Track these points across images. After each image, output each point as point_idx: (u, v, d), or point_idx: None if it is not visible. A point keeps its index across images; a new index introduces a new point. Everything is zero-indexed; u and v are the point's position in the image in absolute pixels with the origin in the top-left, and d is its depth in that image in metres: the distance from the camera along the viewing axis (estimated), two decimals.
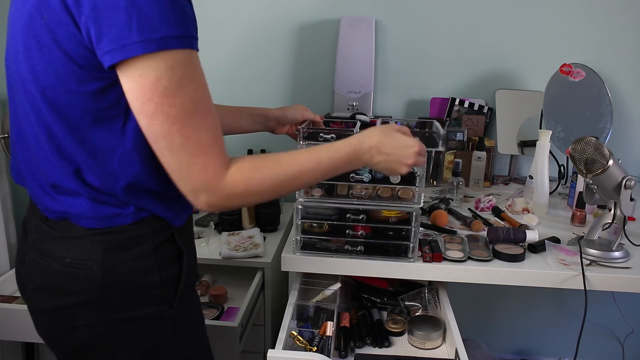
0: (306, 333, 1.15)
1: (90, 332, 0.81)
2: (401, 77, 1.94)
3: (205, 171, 0.75)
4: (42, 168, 0.80)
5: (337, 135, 1.17)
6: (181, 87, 0.70)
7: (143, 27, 0.66)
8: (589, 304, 1.14)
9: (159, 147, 0.73)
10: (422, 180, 1.16)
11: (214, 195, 0.77)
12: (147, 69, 0.68)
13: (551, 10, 1.85)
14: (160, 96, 0.69)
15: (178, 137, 0.72)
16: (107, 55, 0.68)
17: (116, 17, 0.66)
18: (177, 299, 0.85)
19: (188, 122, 0.72)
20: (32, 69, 0.74)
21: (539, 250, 1.27)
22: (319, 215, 1.21)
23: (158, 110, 0.70)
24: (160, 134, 0.71)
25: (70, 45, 0.70)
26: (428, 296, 1.33)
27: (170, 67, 0.69)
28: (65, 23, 0.69)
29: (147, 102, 0.70)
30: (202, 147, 0.74)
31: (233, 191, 0.78)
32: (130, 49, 0.67)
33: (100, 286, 0.79)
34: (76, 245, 0.79)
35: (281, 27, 1.92)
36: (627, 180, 1.18)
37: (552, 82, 1.78)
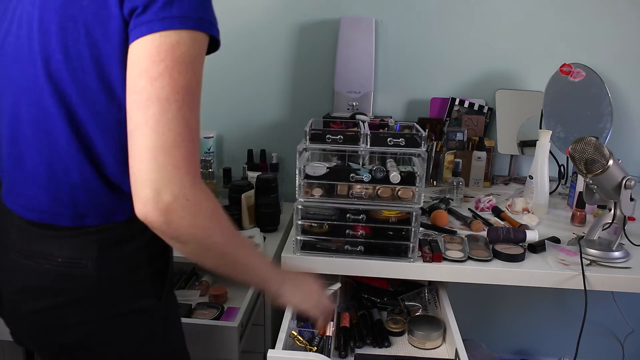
0: (306, 333, 1.15)
1: (82, 330, 0.80)
2: (401, 77, 1.94)
3: (187, 161, 0.68)
4: (49, 164, 0.76)
5: (342, 136, 1.16)
6: (194, 62, 0.69)
7: (183, 6, 0.68)
8: (589, 304, 1.14)
9: (147, 113, 0.66)
10: (422, 180, 1.16)
11: (183, 194, 0.68)
12: (173, 35, 0.67)
13: (551, 10, 1.85)
14: (174, 60, 0.67)
15: (174, 108, 0.66)
16: (144, 26, 0.67)
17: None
18: (164, 291, 0.86)
19: (188, 98, 0.68)
20: (64, 50, 0.71)
21: (539, 250, 1.27)
22: (319, 215, 1.21)
23: (166, 72, 0.66)
24: (157, 98, 0.66)
25: (109, 25, 0.70)
26: (428, 296, 1.33)
27: (193, 40, 0.69)
28: (109, 5, 0.69)
29: (157, 62, 0.66)
30: (192, 132, 0.69)
31: (202, 202, 0.70)
32: (168, 22, 0.67)
33: (94, 284, 0.78)
34: (68, 244, 0.78)
35: (281, 27, 1.92)
36: (627, 180, 1.18)
37: (552, 82, 1.78)
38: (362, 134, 1.16)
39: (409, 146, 1.17)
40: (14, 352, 1.66)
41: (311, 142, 1.18)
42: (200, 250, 0.75)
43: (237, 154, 2.03)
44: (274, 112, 2.01)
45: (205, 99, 2.22)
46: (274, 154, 1.96)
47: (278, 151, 1.98)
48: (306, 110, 1.98)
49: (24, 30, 0.75)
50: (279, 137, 2.02)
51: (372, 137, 1.16)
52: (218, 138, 2.00)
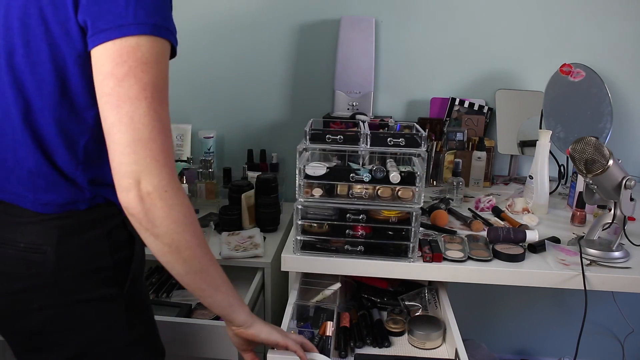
0: (306, 333, 1.14)
1: (44, 315, 0.82)
2: (401, 77, 1.94)
3: (164, 154, 0.72)
4: (6, 147, 0.81)
5: (342, 136, 1.17)
6: (157, 62, 0.72)
7: (139, 11, 0.70)
8: (589, 304, 1.14)
9: (119, 112, 0.70)
10: (422, 180, 1.16)
11: (161, 185, 0.71)
12: (131, 40, 0.70)
13: (551, 10, 1.85)
14: (136, 60, 0.70)
15: (145, 104, 0.70)
16: (102, 33, 0.70)
17: (116, 2, 0.70)
18: (128, 281, 0.87)
19: (157, 94, 0.72)
20: (25, 44, 0.75)
21: (539, 250, 1.27)
22: (319, 215, 1.21)
23: (131, 72, 0.70)
24: (127, 97, 0.70)
25: (68, 24, 0.73)
26: (428, 296, 1.33)
27: (152, 44, 0.72)
28: (66, 4, 0.72)
29: (121, 64, 0.70)
30: (164, 126, 0.72)
31: (178, 194, 0.74)
32: (125, 29, 0.70)
33: (54, 270, 0.80)
34: (31, 230, 0.80)
35: (281, 27, 1.92)
36: (627, 180, 1.18)
37: (552, 82, 1.78)
38: (362, 134, 1.16)
39: (409, 146, 1.17)
40: None
41: (311, 142, 1.18)
42: (171, 248, 0.76)
43: (237, 154, 2.03)
44: (274, 112, 2.01)
45: (205, 99, 2.23)
46: (274, 154, 1.96)
47: (278, 151, 1.98)
48: (306, 110, 1.98)
49: None
50: (279, 137, 2.02)
51: (372, 137, 1.16)
52: (218, 138, 2.00)
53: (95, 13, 0.71)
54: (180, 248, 0.76)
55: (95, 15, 0.71)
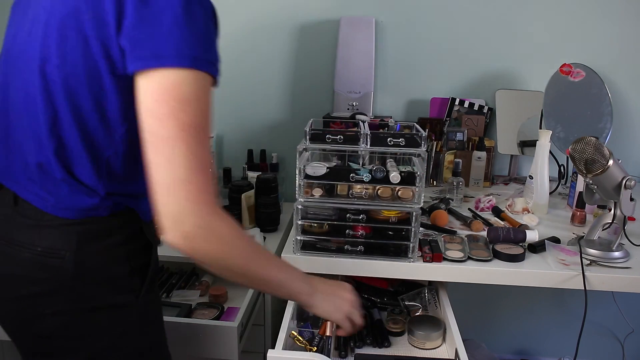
0: (306, 333, 1.14)
1: (57, 321, 0.82)
2: (401, 77, 1.94)
3: (200, 193, 0.73)
4: (31, 149, 0.80)
5: (342, 136, 1.16)
6: (197, 99, 0.72)
7: (180, 42, 0.70)
8: (589, 304, 1.14)
9: (158, 152, 0.71)
10: (422, 180, 1.16)
11: (197, 225, 0.73)
12: (171, 74, 0.70)
13: (551, 10, 1.85)
14: (177, 100, 0.70)
15: (183, 145, 0.71)
16: (140, 60, 0.70)
17: (159, 29, 0.70)
18: (144, 288, 0.87)
19: (196, 133, 0.72)
20: (61, 55, 0.74)
21: (539, 250, 1.27)
22: (319, 215, 1.21)
23: (171, 113, 0.70)
24: (167, 137, 0.70)
25: (109, 43, 0.72)
26: (428, 296, 1.33)
27: (193, 78, 0.71)
28: (109, 24, 0.71)
29: (162, 103, 0.70)
30: (203, 164, 0.73)
31: (217, 229, 0.76)
32: (164, 59, 0.70)
33: (71, 275, 0.79)
34: (49, 234, 0.79)
35: (281, 27, 1.92)
36: (627, 180, 1.18)
37: (552, 82, 1.78)
38: (362, 134, 1.16)
39: (409, 146, 1.17)
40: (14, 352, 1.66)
41: (311, 142, 1.18)
42: (223, 270, 0.81)
43: (237, 154, 2.03)
44: (274, 112, 2.01)
45: None
46: (274, 154, 1.96)
47: (278, 151, 1.98)
48: (306, 110, 1.98)
49: (32, 29, 0.79)
50: (279, 137, 2.02)
51: (372, 137, 1.16)
52: (218, 138, 2.00)
53: (136, 38, 0.70)
54: (232, 269, 0.82)
55: (137, 40, 0.70)
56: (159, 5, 0.70)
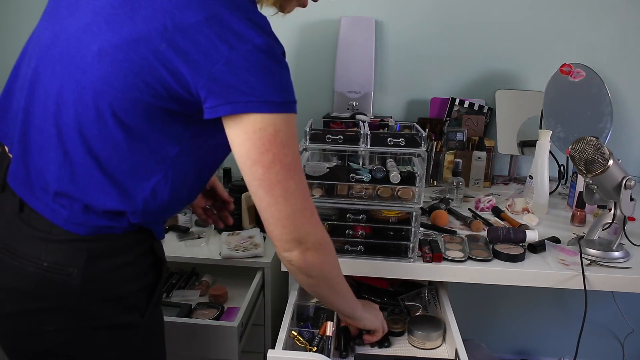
0: (306, 333, 1.14)
1: (58, 338, 0.79)
2: (401, 77, 1.94)
3: (314, 215, 0.84)
4: (50, 162, 0.77)
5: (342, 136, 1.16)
6: (291, 141, 0.78)
7: (269, 88, 0.73)
8: (589, 304, 1.14)
9: (273, 194, 0.78)
10: (422, 180, 1.16)
11: (318, 241, 0.85)
12: (267, 124, 0.74)
13: (551, 10, 1.85)
14: (278, 146, 0.76)
15: (293, 183, 0.78)
16: (228, 105, 0.72)
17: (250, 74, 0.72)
18: (150, 307, 0.85)
19: (297, 170, 0.80)
20: (114, 77, 0.72)
21: (539, 250, 1.27)
22: (319, 215, 1.20)
23: (276, 159, 0.76)
24: (277, 181, 0.77)
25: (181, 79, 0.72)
26: (428, 296, 1.33)
27: (285, 122, 0.76)
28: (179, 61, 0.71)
29: (265, 153, 0.75)
30: (306, 190, 0.83)
31: (328, 243, 0.89)
32: (254, 105, 0.73)
33: (77, 293, 0.77)
34: (57, 249, 0.76)
35: (281, 27, 1.92)
36: (627, 180, 1.18)
37: (552, 82, 1.78)
38: (362, 134, 1.16)
39: (409, 146, 1.17)
40: None
41: (311, 142, 1.18)
42: (320, 281, 0.92)
43: None
44: None
45: None
46: None
47: None
48: (306, 110, 1.98)
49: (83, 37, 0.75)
50: None
51: (372, 137, 1.16)
52: None
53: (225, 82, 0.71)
54: (328, 280, 0.94)
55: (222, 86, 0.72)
56: (243, 48, 0.71)
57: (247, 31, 0.72)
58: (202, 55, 0.70)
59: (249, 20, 0.73)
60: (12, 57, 0.87)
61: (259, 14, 0.78)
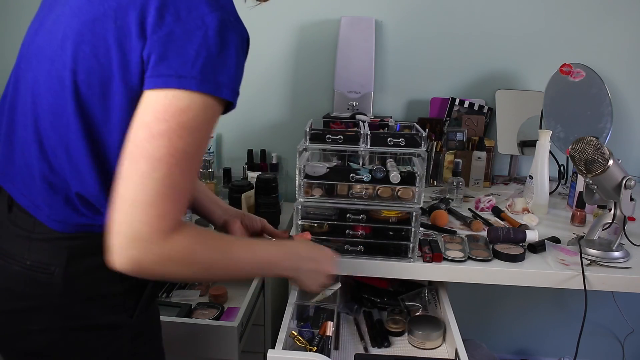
0: (306, 333, 1.14)
1: (44, 338, 0.78)
2: (401, 77, 1.94)
3: (160, 219, 0.67)
4: (33, 154, 0.77)
5: (342, 136, 1.16)
6: (199, 129, 0.69)
7: (207, 67, 0.67)
8: (589, 304, 1.14)
9: (133, 167, 0.66)
10: (422, 180, 1.16)
11: (150, 250, 0.68)
12: (182, 97, 0.67)
13: (551, 10, 1.85)
14: (179, 124, 0.67)
15: (165, 169, 0.66)
16: (161, 77, 0.67)
17: (186, 48, 0.66)
18: (138, 308, 0.84)
19: (181, 163, 0.67)
20: (77, 60, 0.71)
21: (539, 250, 1.27)
22: (319, 215, 1.21)
23: (167, 134, 0.66)
24: (150, 155, 0.66)
25: (131, 55, 0.70)
26: (428, 296, 1.33)
27: (204, 106, 0.68)
28: (132, 35, 0.69)
29: (161, 121, 0.66)
30: (175, 194, 0.68)
31: (171, 255, 0.70)
32: (186, 81, 0.66)
33: (60, 292, 0.76)
34: (39, 247, 0.76)
35: (281, 27, 1.92)
36: (627, 180, 1.18)
37: (552, 82, 1.78)
38: (362, 134, 1.16)
39: (409, 146, 1.17)
40: None
41: (311, 142, 1.18)
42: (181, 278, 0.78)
43: (237, 154, 2.03)
44: (274, 112, 2.01)
45: None
46: (274, 154, 1.96)
47: (278, 151, 1.98)
48: (306, 110, 1.98)
49: (53, 29, 0.76)
50: (279, 137, 2.02)
51: (372, 137, 1.16)
52: (218, 138, 2.00)
53: (163, 54, 0.67)
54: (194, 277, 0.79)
55: (162, 57, 0.67)
56: (192, 23, 0.67)
57: (201, 6, 0.68)
58: (151, 27, 0.68)
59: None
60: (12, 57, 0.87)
61: None
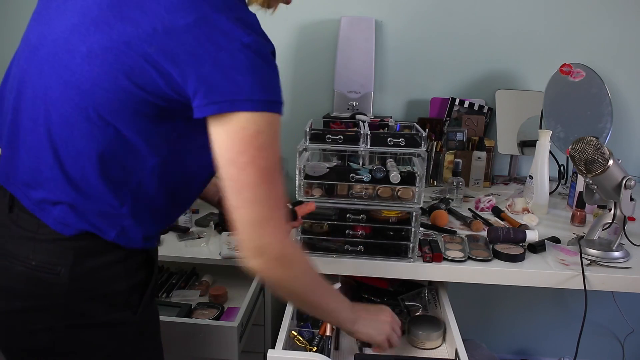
0: (306, 333, 1.14)
1: (49, 337, 0.79)
2: (401, 77, 1.94)
3: (279, 227, 0.79)
4: (41, 160, 0.77)
5: (342, 136, 1.16)
6: (272, 144, 0.75)
7: (256, 87, 0.71)
8: (589, 304, 1.14)
9: (240, 196, 0.75)
10: (422, 180, 1.16)
11: (277, 254, 0.79)
12: (250, 123, 0.72)
13: (551, 10, 1.85)
14: (257, 149, 0.73)
15: (263, 189, 0.75)
16: (214, 105, 0.71)
17: (233, 72, 0.70)
18: (142, 305, 0.85)
19: (272, 177, 0.76)
20: (95, 77, 0.73)
21: (539, 250, 1.27)
22: (319, 215, 1.21)
23: (251, 161, 0.73)
24: (247, 184, 0.74)
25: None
26: (428, 296, 1.33)
27: (269, 124, 0.74)
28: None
29: (243, 153, 0.73)
30: (280, 202, 0.78)
31: (291, 258, 0.82)
32: (240, 104, 0.71)
33: (65, 292, 0.77)
34: (45, 248, 0.77)
35: (281, 27, 1.92)
36: (627, 180, 1.18)
37: (552, 82, 1.78)
38: (362, 134, 1.16)
39: (409, 146, 1.17)
40: None
41: (311, 142, 1.18)
42: (288, 294, 0.88)
43: None
44: None
45: None
46: None
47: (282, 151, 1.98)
48: (306, 110, 1.98)
49: (72, 38, 0.75)
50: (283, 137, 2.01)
51: (372, 137, 1.16)
52: None
53: (209, 81, 0.70)
54: (297, 294, 0.88)
55: (210, 84, 0.70)
56: (229, 48, 0.70)
57: (236, 30, 0.71)
58: (191, 56, 0.70)
59: (238, 20, 0.72)
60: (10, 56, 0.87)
61: (248, 13, 0.79)
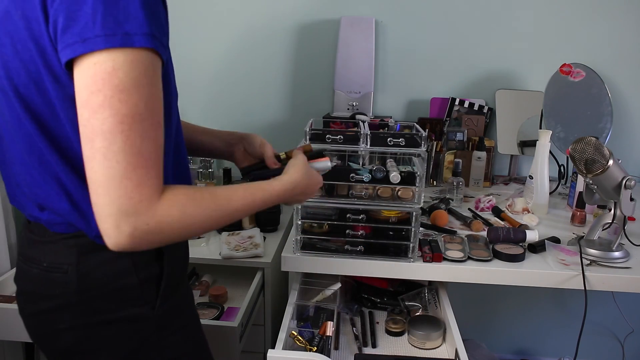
0: (306, 333, 1.14)
1: (73, 336, 0.80)
2: (401, 77, 1.94)
3: (139, 189, 0.64)
4: (25, 179, 0.78)
5: (342, 136, 1.16)
6: (137, 87, 0.64)
7: (107, 20, 0.62)
8: (589, 304, 1.14)
9: (93, 148, 0.63)
10: (422, 180, 1.16)
11: (142, 221, 0.65)
12: (104, 58, 0.62)
13: (551, 10, 1.85)
14: (113, 89, 0.62)
15: (120, 139, 0.63)
16: (68, 49, 0.63)
17: (82, 10, 0.62)
18: (159, 299, 0.83)
19: (136, 126, 0.63)
20: (4, 66, 0.71)
21: (539, 250, 1.27)
22: (319, 215, 1.21)
23: (106, 103, 0.62)
24: (101, 131, 0.62)
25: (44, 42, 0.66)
26: (428, 296, 1.33)
27: (130, 61, 0.63)
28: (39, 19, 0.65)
29: (95, 93, 0.62)
30: (144, 159, 0.65)
31: (164, 219, 0.67)
32: (91, 42, 0.61)
33: (76, 290, 0.78)
34: (51, 249, 0.79)
35: (281, 27, 1.92)
36: (627, 180, 1.18)
37: (552, 82, 1.78)
38: (362, 134, 1.16)
39: (409, 146, 1.17)
40: (14, 352, 1.66)
41: (311, 142, 1.18)
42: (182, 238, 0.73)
43: None
44: (274, 112, 2.01)
45: (205, 99, 2.23)
46: None
47: (278, 151, 1.98)
48: (306, 110, 1.98)
49: None
50: (279, 137, 2.02)
51: (372, 137, 1.16)
52: None
53: (62, 24, 0.63)
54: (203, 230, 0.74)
55: (63, 27, 0.63)
56: None
57: None
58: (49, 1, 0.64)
59: None
60: None
61: None
